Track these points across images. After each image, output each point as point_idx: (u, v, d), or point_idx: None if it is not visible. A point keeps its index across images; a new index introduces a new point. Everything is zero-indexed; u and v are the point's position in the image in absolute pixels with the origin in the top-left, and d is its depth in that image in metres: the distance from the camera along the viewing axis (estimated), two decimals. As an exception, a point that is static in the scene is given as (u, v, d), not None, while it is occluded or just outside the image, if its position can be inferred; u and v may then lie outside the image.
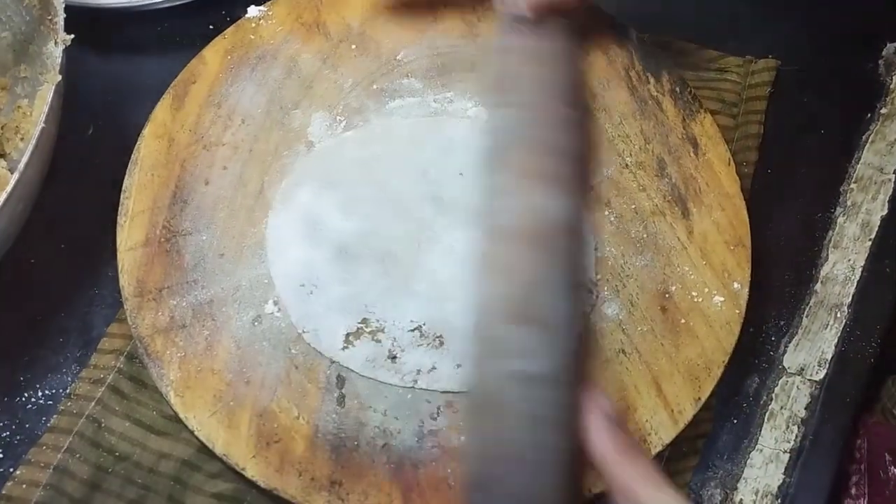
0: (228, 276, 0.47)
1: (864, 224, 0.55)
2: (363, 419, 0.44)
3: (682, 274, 0.48)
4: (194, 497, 0.45)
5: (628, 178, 0.51)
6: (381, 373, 0.45)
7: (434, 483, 0.43)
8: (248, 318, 0.46)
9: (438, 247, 0.47)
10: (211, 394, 0.44)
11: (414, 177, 0.49)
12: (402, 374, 0.45)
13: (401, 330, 0.45)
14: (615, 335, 0.47)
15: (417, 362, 0.45)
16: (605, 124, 0.52)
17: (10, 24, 0.53)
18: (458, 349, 0.45)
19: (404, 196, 0.48)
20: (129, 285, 0.46)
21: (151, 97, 0.51)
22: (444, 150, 0.50)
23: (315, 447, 0.43)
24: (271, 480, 0.42)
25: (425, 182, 0.49)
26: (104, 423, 0.46)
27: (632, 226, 0.50)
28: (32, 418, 0.47)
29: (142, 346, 0.45)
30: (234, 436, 0.43)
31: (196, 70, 0.51)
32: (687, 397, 0.45)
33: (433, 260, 0.47)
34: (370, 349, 0.45)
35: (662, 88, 0.53)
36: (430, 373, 0.45)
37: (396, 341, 0.45)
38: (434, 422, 0.44)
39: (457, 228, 0.48)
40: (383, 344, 0.45)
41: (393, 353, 0.45)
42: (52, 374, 0.48)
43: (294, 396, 0.44)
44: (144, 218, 0.47)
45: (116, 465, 0.46)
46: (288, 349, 0.45)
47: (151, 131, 0.50)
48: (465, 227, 0.48)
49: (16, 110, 0.52)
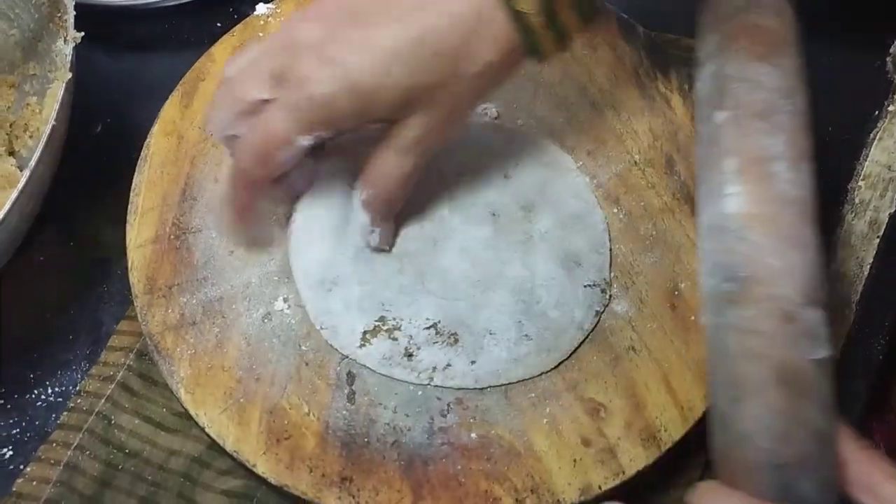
0: (238, 273, 0.47)
1: (872, 222, 0.55)
2: (373, 416, 0.44)
3: (692, 271, 0.48)
4: (204, 494, 0.45)
5: (637, 175, 0.51)
6: (397, 370, 0.45)
7: (444, 480, 0.43)
8: (259, 315, 0.46)
9: (453, 245, 0.47)
10: (221, 391, 0.44)
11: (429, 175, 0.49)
12: (418, 371, 0.45)
13: (417, 328, 0.45)
14: (625, 332, 0.47)
15: (433, 360, 0.45)
16: (614, 121, 0.52)
17: (19, 21, 0.53)
18: (472, 346, 0.45)
19: (421, 194, 0.48)
20: (139, 282, 0.46)
21: (160, 95, 0.51)
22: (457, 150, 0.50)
23: (326, 444, 0.43)
24: (282, 477, 0.42)
25: (441, 180, 0.49)
26: (114, 420, 0.46)
27: (641, 223, 0.50)
28: (42, 415, 0.47)
29: (152, 343, 0.45)
30: (244, 432, 0.43)
31: (205, 67, 0.52)
32: (697, 394, 0.45)
33: (448, 258, 0.47)
34: (387, 347, 0.45)
35: (671, 86, 0.53)
36: (445, 370, 0.45)
37: (412, 339, 0.45)
38: (444, 419, 0.44)
39: (471, 227, 0.48)
40: (399, 342, 0.45)
41: (409, 351, 0.45)
42: (61, 372, 0.48)
43: (304, 393, 0.44)
44: (154, 215, 0.47)
45: (126, 462, 0.46)
46: (298, 346, 0.45)
47: (161, 129, 0.50)
48: (480, 226, 0.48)
49: (25, 108, 0.52)
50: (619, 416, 0.44)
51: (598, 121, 0.52)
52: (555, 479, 0.43)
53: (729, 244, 0.34)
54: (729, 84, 0.37)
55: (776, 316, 0.34)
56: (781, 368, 0.34)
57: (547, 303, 0.46)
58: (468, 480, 0.43)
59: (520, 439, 0.44)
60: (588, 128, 0.52)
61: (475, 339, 0.45)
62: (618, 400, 0.45)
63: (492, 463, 0.43)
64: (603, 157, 0.51)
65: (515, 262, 0.47)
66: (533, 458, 0.43)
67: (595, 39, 0.54)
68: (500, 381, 0.45)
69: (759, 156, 0.35)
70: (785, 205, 0.35)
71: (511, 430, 0.44)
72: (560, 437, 0.44)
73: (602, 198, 0.50)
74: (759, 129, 0.35)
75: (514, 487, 0.42)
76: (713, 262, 0.35)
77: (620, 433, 0.44)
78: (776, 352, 0.34)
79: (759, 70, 0.36)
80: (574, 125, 0.52)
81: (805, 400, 0.34)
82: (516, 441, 0.44)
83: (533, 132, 0.52)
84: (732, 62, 0.37)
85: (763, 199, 0.34)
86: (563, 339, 0.46)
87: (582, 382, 0.45)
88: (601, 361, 0.46)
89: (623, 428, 0.44)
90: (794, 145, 0.36)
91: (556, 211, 0.49)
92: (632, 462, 0.43)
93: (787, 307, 0.34)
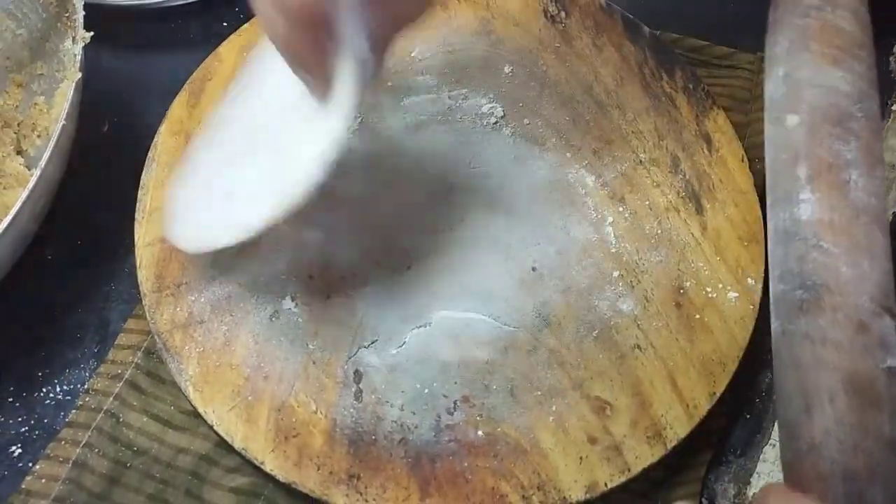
0: (246, 272, 0.47)
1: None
2: (380, 414, 0.44)
3: (697, 270, 0.48)
4: (212, 491, 0.45)
5: (642, 174, 0.51)
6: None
7: (451, 477, 0.43)
8: (266, 313, 0.46)
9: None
10: (229, 388, 0.44)
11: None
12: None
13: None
14: (630, 330, 0.47)
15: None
16: (619, 121, 0.52)
17: (27, 21, 0.53)
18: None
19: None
20: (147, 281, 0.46)
21: (167, 94, 0.51)
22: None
23: (333, 441, 0.43)
24: (290, 474, 0.42)
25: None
26: (122, 418, 0.47)
27: (646, 222, 0.50)
28: (51, 413, 0.47)
29: (160, 342, 0.45)
30: (252, 430, 0.43)
31: (212, 67, 0.52)
32: (702, 392, 0.45)
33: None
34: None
35: (676, 85, 0.53)
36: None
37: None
38: (451, 416, 0.44)
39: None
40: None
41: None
42: (69, 370, 0.49)
43: (312, 391, 0.44)
44: (162, 214, 0.48)
45: (135, 460, 0.46)
46: (305, 344, 0.46)
47: (168, 128, 0.50)
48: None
49: (33, 107, 0.53)
50: (625, 413, 0.45)
51: (604, 120, 0.52)
52: (561, 476, 0.43)
53: (801, 251, 0.34)
54: (801, 88, 0.36)
55: (849, 325, 0.33)
56: (853, 378, 0.33)
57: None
58: (475, 477, 0.43)
59: (526, 437, 0.44)
60: (593, 127, 0.52)
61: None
62: (623, 398, 0.45)
63: (498, 460, 0.43)
64: (608, 157, 0.51)
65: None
66: (539, 456, 0.43)
67: (600, 39, 0.54)
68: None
69: (833, 162, 0.35)
70: (858, 213, 0.34)
71: (517, 428, 0.44)
72: (566, 434, 0.44)
73: (607, 196, 0.50)
74: (833, 135, 0.35)
75: (520, 484, 0.43)
76: (784, 269, 0.35)
77: (626, 431, 0.44)
78: (848, 361, 0.33)
79: (833, 75, 0.36)
80: (579, 124, 0.52)
81: (877, 410, 0.33)
82: (522, 438, 0.44)
83: (538, 131, 0.52)
84: (806, 65, 0.37)
85: (836, 207, 0.34)
86: None
87: (588, 380, 0.46)
88: (607, 359, 0.46)
89: (629, 426, 0.44)
90: (868, 152, 0.35)
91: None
92: (637, 459, 0.43)
93: (861, 316, 0.33)
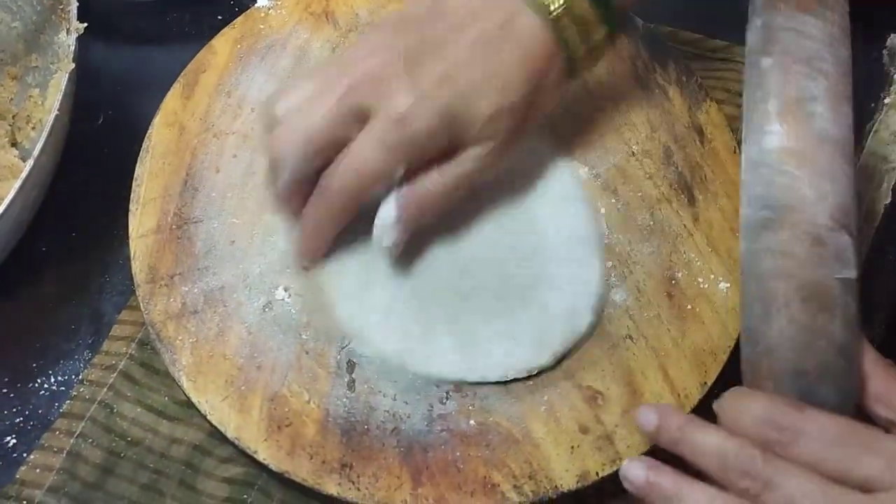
0: (239, 262, 0.47)
1: (867, 213, 0.55)
2: (373, 403, 0.44)
3: (689, 260, 0.49)
4: (206, 481, 0.46)
5: (635, 166, 0.51)
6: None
7: (443, 466, 0.43)
8: (259, 304, 0.46)
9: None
10: (223, 379, 0.44)
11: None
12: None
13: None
14: (622, 321, 0.47)
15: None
16: (612, 113, 0.52)
17: (21, 14, 0.53)
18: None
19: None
20: (140, 272, 0.46)
21: (161, 86, 0.51)
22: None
23: (326, 431, 0.43)
24: (283, 463, 0.43)
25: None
26: (116, 409, 0.47)
27: (638, 213, 0.50)
28: (45, 404, 0.48)
29: (154, 332, 0.45)
30: (245, 420, 0.43)
31: (205, 59, 0.52)
32: (693, 382, 0.46)
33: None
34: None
35: (669, 77, 0.53)
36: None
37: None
38: (443, 406, 0.45)
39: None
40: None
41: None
42: (64, 361, 0.49)
43: (305, 381, 0.45)
44: (156, 205, 0.48)
45: (129, 450, 0.46)
46: (298, 335, 0.46)
47: (162, 120, 0.50)
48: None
49: (27, 99, 0.53)
50: (617, 403, 0.45)
51: (597, 112, 0.52)
52: (552, 465, 0.43)
53: (768, 177, 0.37)
54: (776, 33, 0.39)
55: (807, 239, 0.36)
56: (808, 286, 0.36)
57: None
58: (467, 467, 0.43)
59: (518, 426, 0.44)
60: (586, 119, 0.52)
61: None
62: (615, 387, 0.45)
63: (490, 449, 0.43)
64: (601, 148, 0.52)
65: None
66: (531, 445, 0.44)
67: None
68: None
69: (800, 97, 0.37)
70: (822, 142, 0.37)
71: (509, 418, 0.44)
72: (558, 424, 0.44)
73: (600, 188, 0.51)
74: (802, 73, 0.38)
75: (512, 474, 0.43)
76: (752, 194, 0.37)
77: (618, 420, 0.44)
78: (805, 271, 0.36)
79: (806, 20, 0.39)
80: (572, 116, 0.52)
81: (828, 315, 0.36)
82: (514, 428, 0.44)
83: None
84: (782, 13, 0.39)
85: (801, 136, 0.37)
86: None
87: (580, 370, 0.46)
88: (599, 349, 0.46)
89: (620, 415, 0.44)
90: (834, 89, 0.38)
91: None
92: (629, 449, 0.44)
93: (818, 231, 0.36)
